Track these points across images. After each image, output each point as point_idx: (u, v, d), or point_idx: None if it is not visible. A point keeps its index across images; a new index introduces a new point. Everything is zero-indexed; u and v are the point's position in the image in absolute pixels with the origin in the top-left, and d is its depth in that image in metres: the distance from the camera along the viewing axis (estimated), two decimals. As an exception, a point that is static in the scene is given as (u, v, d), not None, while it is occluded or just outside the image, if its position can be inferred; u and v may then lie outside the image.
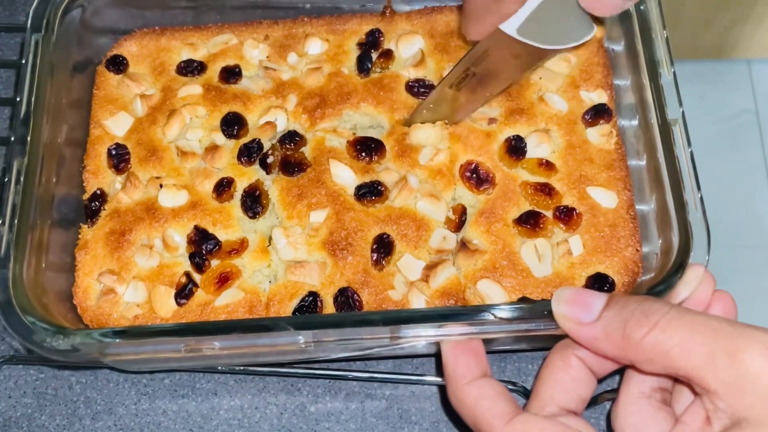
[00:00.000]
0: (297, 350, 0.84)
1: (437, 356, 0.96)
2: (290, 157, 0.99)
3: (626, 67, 1.01)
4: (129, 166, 1.00)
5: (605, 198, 0.95)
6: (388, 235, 0.94)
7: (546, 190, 0.95)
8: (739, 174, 2.43)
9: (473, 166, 0.97)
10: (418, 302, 0.90)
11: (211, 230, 0.95)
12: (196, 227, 0.95)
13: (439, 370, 0.97)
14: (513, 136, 0.98)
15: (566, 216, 0.94)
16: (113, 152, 1.00)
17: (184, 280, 0.92)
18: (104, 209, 0.98)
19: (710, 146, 2.45)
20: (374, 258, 0.93)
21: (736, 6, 2.32)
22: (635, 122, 0.98)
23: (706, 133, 2.47)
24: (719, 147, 2.45)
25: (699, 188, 0.90)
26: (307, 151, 1.00)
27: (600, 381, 0.81)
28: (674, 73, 0.96)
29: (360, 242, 0.94)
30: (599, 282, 0.91)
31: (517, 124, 0.99)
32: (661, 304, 0.71)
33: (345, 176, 0.98)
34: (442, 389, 0.97)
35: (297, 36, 1.08)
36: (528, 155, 0.98)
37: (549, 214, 0.94)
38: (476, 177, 0.96)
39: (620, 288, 0.91)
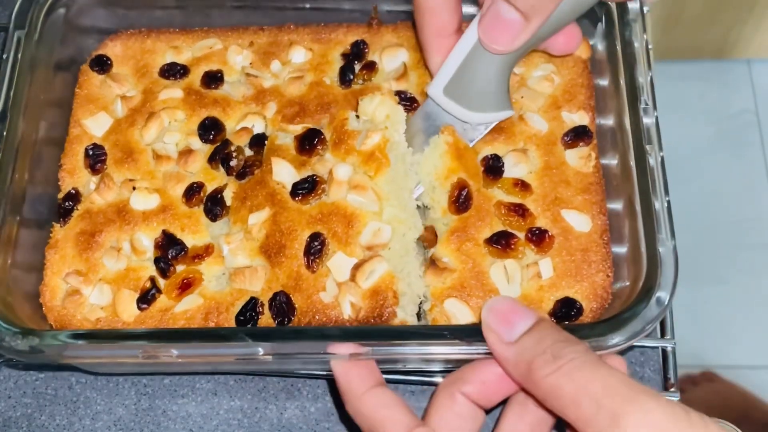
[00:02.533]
0: (259, 361, 0.84)
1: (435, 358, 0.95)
2: (249, 159, 0.98)
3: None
4: (105, 166, 1.00)
5: (579, 221, 0.95)
6: (320, 234, 0.91)
7: (520, 210, 0.94)
8: (739, 174, 2.41)
9: (466, 191, 0.94)
10: (346, 304, 0.89)
11: (179, 235, 0.95)
12: (164, 232, 0.95)
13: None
14: (490, 155, 0.97)
15: (538, 238, 0.93)
16: (90, 152, 1.01)
17: (148, 284, 0.93)
18: (77, 209, 0.98)
19: (710, 146, 2.44)
20: (306, 260, 0.91)
21: (737, 6, 2.31)
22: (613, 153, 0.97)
23: (706, 133, 2.46)
24: (719, 147, 2.44)
25: (671, 216, 0.88)
26: (264, 152, 0.98)
27: (488, 412, 0.81)
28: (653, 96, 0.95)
29: (294, 244, 0.91)
30: (567, 307, 0.90)
31: (495, 142, 0.98)
32: (573, 348, 0.71)
33: (284, 173, 0.95)
34: None
35: (281, 43, 1.07)
36: (504, 175, 0.97)
37: (521, 235, 0.93)
38: (464, 202, 0.94)
39: (588, 314, 0.90)
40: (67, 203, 0.98)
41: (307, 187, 0.93)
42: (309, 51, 1.07)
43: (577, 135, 0.98)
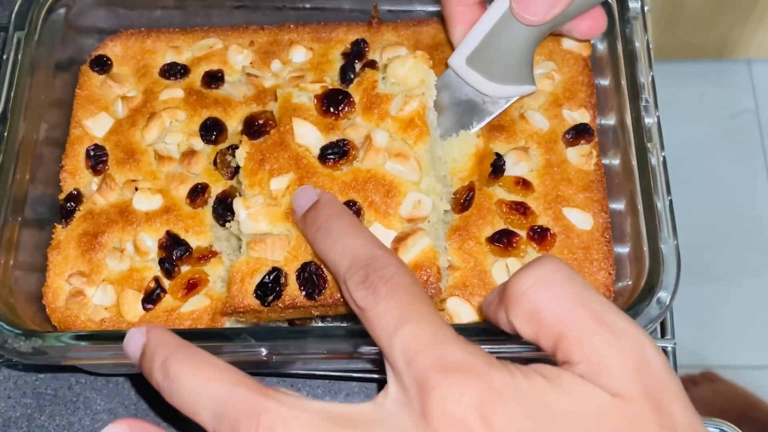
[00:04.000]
0: (259, 361, 0.84)
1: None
2: (255, 116, 0.92)
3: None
4: (106, 167, 1.00)
5: (581, 219, 0.95)
6: (356, 203, 0.86)
7: (521, 209, 0.94)
8: (740, 174, 2.42)
9: (472, 194, 0.94)
10: None
11: (183, 236, 0.95)
12: (168, 232, 0.95)
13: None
14: (492, 153, 0.97)
15: (540, 236, 0.93)
16: (91, 153, 1.00)
17: (152, 285, 0.92)
18: (79, 210, 0.98)
19: (710, 146, 2.44)
20: None
21: (737, 6, 2.31)
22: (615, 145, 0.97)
23: (707, 133, 2.46)
24: (719, 147, 2.45)
25: (673, 215, 0.88)
26: (275, 109, 0.93)
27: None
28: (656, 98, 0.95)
29: None
30: (569, 305, 0.90)
31: (496, 140, 0.98)
32: (549, 259, 0.65)
33: (309, 136, 0.89)
34: None
35: (282, 43, 1.07)
36: (506, 173, 0.97)
37: (523, 233, 0.93)
38: (468, 203, 0.94)
39: (590, 312, 0.90)
40: (68, 204, 0.98)
41: (338, 152, 0.88)
42: (309, 50, 1.07)
43: (578, 133, 0.99)
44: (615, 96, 0.98)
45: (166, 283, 0.93)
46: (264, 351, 0.83)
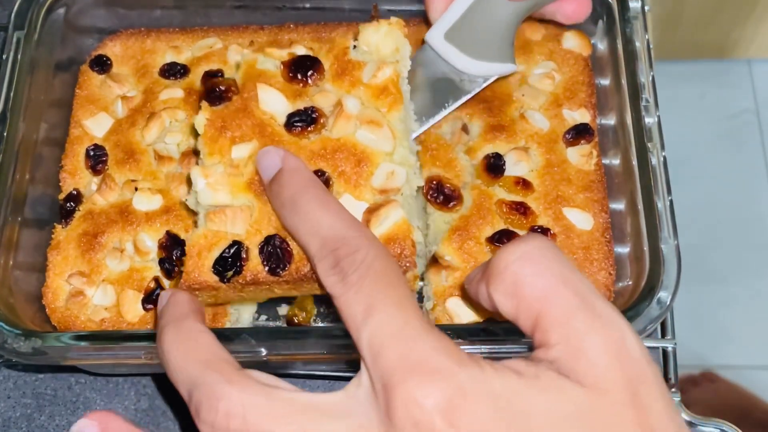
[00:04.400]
0: (259, 361, 0.84)
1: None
2: (217, 82, 0.88)
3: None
4: (106, 167, 1.00)
5: (581, 220, 0.94)
6: (324, 173, 0.82)
7: (521, 209, 0.94)
8: (740, 174, 2.42)
9: (435, 183, 0.94)
10: None
11: (183, 236, 0.94)
12: (168, 232, 0.94)
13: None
14: (492, 153, 0.97)
15: (540, 236, 0.93)
16: (91, 153, 1.00)
17: (152, 285, 0.92)
18: (79, 210, 0.98)
19: (710, 146, 2.44)
20: None
21: (737, 6, 2.31)
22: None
23: (707, 133, 2.46)
24: (720, 147, 2.45)
25: (673, 215, 0.88)
26: (238, 77, 0.89)
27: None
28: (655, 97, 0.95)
29: None
30: (569, 305, 0.90)
31: (496, 140, 0.98)
32: (537, 236, 0.64)
33: (274, 102, 0.85)
34: None
35: (282, 43, 1.07)
36: (506, 173, 0.97)
37: (523, 233, 0.93)
38: (442, 195, 0.94)
39: (591, 312, 0.90)
40: (68, 204, 0.98)
41: (306, 120, 0.84)
42: (309, 50, 1.06)
43: (579, 133, 0.98)
44: (615, 96, 0.97)
45: (166, 283, 0.93)
46: (264, 351, 0.83)
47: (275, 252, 0.79)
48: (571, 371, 0.58)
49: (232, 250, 0.80)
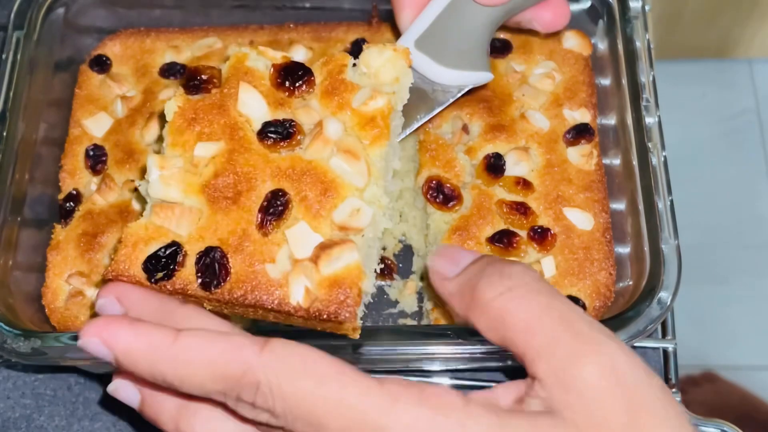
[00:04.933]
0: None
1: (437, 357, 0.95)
2: (200, 70, 0.82)
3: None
4: (105, 167, 1.00)
5: (581, 220, 0.94)
6: (285, 193, 0.76)
7: (522, 209, 0.94)
8: (741, 174, 2.41)
9: (435, 183, 0.94)
10: (297, 288, 0.73)
11: (182, 236, 0.95)
12: (167, 232, 0.94)
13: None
14: (492, 153, 0.97)
15: (540, 236, 0.92)
16: (90, 153, 1.00)
17: (152, 285, 0.92)
18: (78, 210, 0.98)
19: (711, 146, 2.44)
20: (260, 218, 0.75)
21: (738, 6, 2.31)
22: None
23: (707, 133, 2.46)
24: (720, 147, 2.44)
25: (674, 215, 0.88)
26: (224, 69, 0.82)
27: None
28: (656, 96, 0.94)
29: (250, 194, 0.76)
30: (570, 305, 0.90)
31: (496, 140, 0.98)
32: (523, 270, 0.65)
33: (254, 106, 0.79)
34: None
35: (281, 42, 1.07)
36: (506, 173, 0.96)
37: (524, 233, 0.93)
38: (442, 195, 0.94)
39: (591, 312, 0.90)
40: (68, 204, 0.98)
41: (281, 132, 0.78)
42: (309, 50, 1.06)
43: (579, 132, 0.98)
44: (616, 96, 0.97)
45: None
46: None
47: (212, 265, 0.74)
48: (565, 406, 0.58)
49: (168, 251, 0.74)
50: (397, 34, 1.06)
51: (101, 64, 1.06)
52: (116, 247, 0.75)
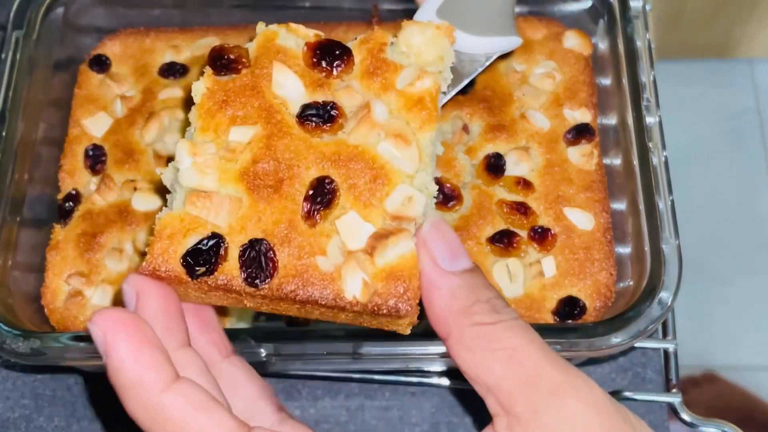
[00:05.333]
0: (259, 361, 0.84)
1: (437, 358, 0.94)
2: (226, 49, 0.75)
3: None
4: (105, 167, 0.99)
5: (582, 220, 0.94)
6: (332, 181, 0.70)
7: (522, 209, 0.93)
8: (741, 174, 2.41)
9: (435, 183, 0.94)
10: (354, 281, 0.68)
11: (182, 236, 0.94)
12: (167, 233, 0.94)
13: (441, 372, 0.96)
14: (492, 153, 0.97)
15: (541, 236, 0.92)
16: (90, 153, 1.00)
17: (151, 285, 0.92)
18: (77, 210, 0.97)
19: (712, 146, 2.44)
20: (306, 208, 0.69)
21: (739, 5, 2.31)
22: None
23: (708, 132, 2.45)
24: (721, 147, 2.44)
25: (674, 215, 0.88)
26: (252, 48, 0.76)
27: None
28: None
29: (293, 182, 0.70)
30: (570, 305, 0.90)
31: (496, 140, 0.98)
32: (511, 310, 0.65)
33: (290, 87, 0.73)
34: (443, 391, 0.97)
35: (281, 42, 1.07)
36: (506, 173, 0.96)
37: (524, 233, 0.93)
38: (442, 195, 0.94)
39: (592, 312, 0.90)
40: (67, 204, 0.97)
41: (322, 116, 0.72)
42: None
43: (579, 132, 0.98)
44: (616, 95, 0.97)
45: (165, 283, 0.92)
46: (264, 352, 0.83)
47: (259, 259, 0.68)
48: None
49: (210, 243, 0.68)
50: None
51: (101, 64, 1.06)
52: (148, 241, 0.69)
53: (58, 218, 0.97)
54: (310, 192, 0.70)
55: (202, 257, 0.68)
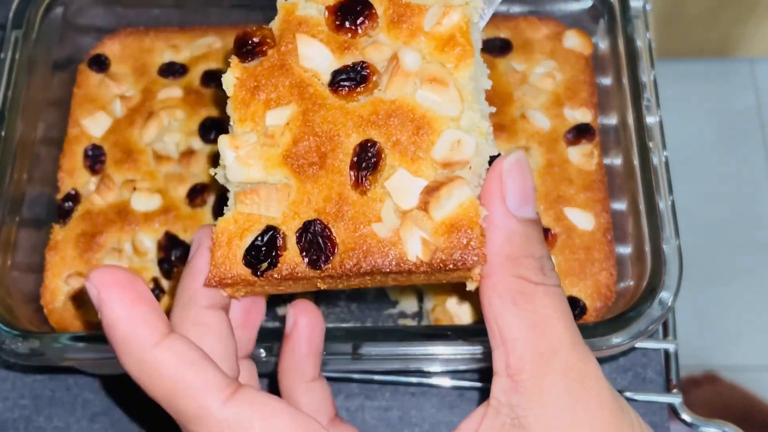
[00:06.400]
0: (258, 362, 0.83)
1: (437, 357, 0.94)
2: (249, 33, 0.71)
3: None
4: (104, 167, 0.99)
5: (582, 220, 0.94)
6: (375, 143, 0.66)
7: (522, 209, 0.93)
8: (742, 173, 2.41)
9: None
10: (413, 241, 0.64)
11: (182, 236, 0.94)
12: (167, 233, 0.94)
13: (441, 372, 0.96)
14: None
15: (541, 237, 0.92)
16: (89, 153, 1.00)
17: (151, 286, 0.92)
18: (77, 210, 0.97)
19: (712, 145, 2.44)
20: (353, 176, 0.66)
21: (739, 5, 2.31)
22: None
23: (708, 132, 2.45)
24: (721, 146, 2.44)
25: (675, 215, 0.88)
26: (275, 26, 0.72)
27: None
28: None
29: (336, 153, 0.67)
30: (570, 305, 0.88)
31: (497, 140, 0.98)
32: (555, 273, 0.64)
33: (318, 57, 0.70)
34: (443, 391, 0.97)
35: (281, 42, 1.06)
36: (507, 173, 0.96)
37: (524, 233, 0.93)
38: None
39: (592, 312, 0.90)
40: (66, 204, 0.97)
41: (354, 78, 0.68)
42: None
43: (580, 132, 0.98)
44: (617, 95, 0.97)
45: (164, 283, 0.93)
46: (263, 352, 0.82)
47: (315, 240, 0.66)
48: (535, 420, 0.59)
49: (265, 238, 0.66)
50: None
51: (100, 64, 1.06)
52: (211, 251, 0.68)
53: (57, 218, 0.97)
54: (354, 159, 0.66)
55: (262, 253, 0.66)
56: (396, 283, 0.70)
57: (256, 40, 0.70)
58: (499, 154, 0.66)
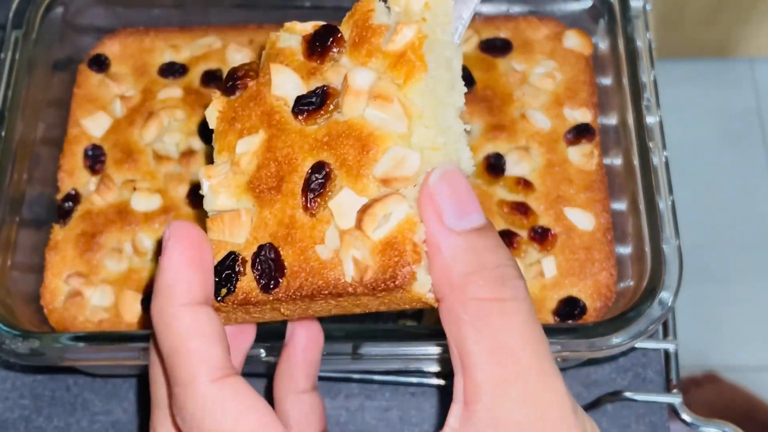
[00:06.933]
0: (259, 362, 0.84)
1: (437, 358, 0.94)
2: (237, 69, 0.73)
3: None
4: (104, 167, 0.99)
5: (582, 220, 0.94)
6: (325, 164, 0.65)
7: (522, 209, 0.93)
8: (742, 173, 2.41)
9: None
10: (348, 261, 0.63)
11: (181, 236, 0.94)
12: (166, 233, 0.94)
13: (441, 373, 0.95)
14: (492, 153, 0.97)
15: (541, 237, 0.92)
16: (89, 153, 1.00)
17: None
18: (77, 210, 0.97)
19: (712, 145, 2.44)
20: (304, 199, 0.65)
21: (739, 5, 2.31)
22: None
23: (709, 132, 2.45)
24: (721, 146, 2.44)
25: (675, 215, 0.88)
26: (263, 59, 0.73)
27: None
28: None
29: (292, 177, 0.66)
30: (570, 306, 0.90)
31: (497, 140, 0.98)
32: (520, 284, 0.58)
33: (288, 85, 0.69)
34: (443, 391, 0.97)
35: (281, 42, 1.06)
36: (506, 173, 0.96)
37: (524, 233, 0.93)
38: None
39: (592, 313, 0.90)
40: (66, 204, 0.97)
41: (314, 102, 0.67)
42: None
43: (580, 132, 0.98)
44: (617, 95, 0.97)
45: (164, 283, 0.92)
46: (263, 352, 0.82)
47: (267, 264, 0.65)
48: None
49: (225, 263, 0.66)
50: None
51: (100, 64, 1.06)
52: None
53: (57, 218, 0.97)
54: (306, 181, 0.66)
55: (222, 279, 0.66)
56: (345, 311, 0.69)
57: (239, 74, 0.72)
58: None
